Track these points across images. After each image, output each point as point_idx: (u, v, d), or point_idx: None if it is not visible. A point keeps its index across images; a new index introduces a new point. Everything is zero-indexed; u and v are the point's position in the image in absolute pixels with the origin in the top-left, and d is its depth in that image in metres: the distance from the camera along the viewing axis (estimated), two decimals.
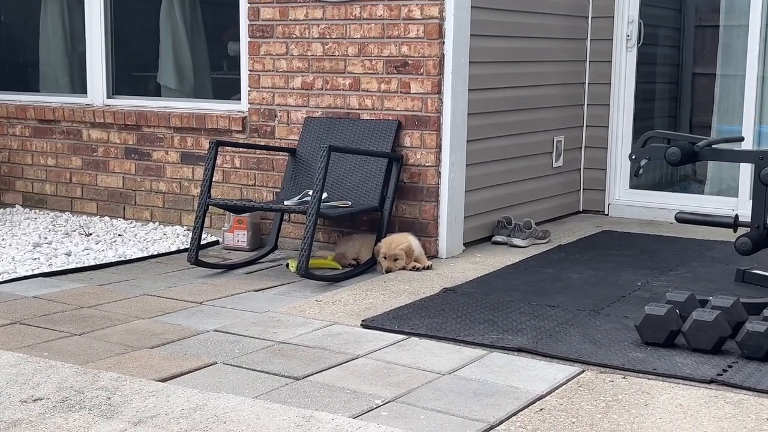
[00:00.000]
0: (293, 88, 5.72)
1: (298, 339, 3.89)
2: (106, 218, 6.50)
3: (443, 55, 5.26)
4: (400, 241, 5.04)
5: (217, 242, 5.89)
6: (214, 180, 5.71)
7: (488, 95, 5.71)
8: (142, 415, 2.99)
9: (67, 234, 6.00)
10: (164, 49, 6.64)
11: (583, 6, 6.69)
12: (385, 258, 5.02)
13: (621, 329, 3.98)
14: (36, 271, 5.04)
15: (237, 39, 6.01)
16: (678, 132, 6.85)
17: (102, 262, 5.27)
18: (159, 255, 5.53)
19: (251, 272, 5.16)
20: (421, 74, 5.29)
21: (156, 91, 6.73)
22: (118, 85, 6.66)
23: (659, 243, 5.84)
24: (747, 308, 3.88)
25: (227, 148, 5.89)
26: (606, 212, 6.86)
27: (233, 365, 3.56)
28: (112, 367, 3.50)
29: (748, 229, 4.33)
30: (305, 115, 5.68)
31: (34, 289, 4.71)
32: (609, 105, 6.77)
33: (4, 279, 4.87)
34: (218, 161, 5.92)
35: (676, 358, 3.60)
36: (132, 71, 6.87)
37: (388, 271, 5.00)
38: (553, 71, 6.43)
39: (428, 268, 5.09)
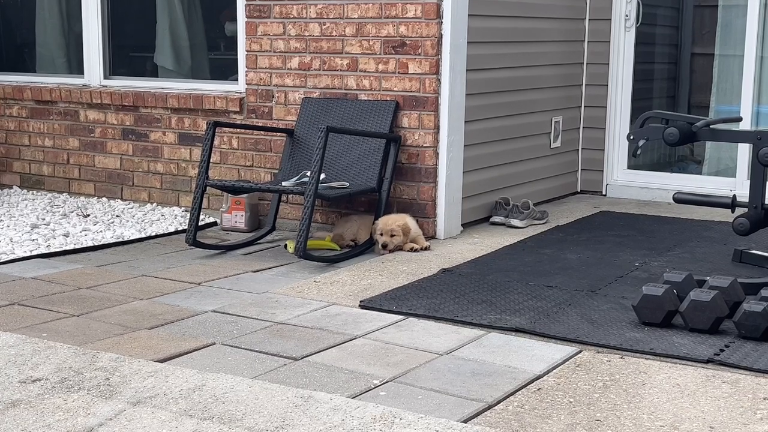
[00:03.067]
0: (291, 69, 5.70)
1: (296, 319, 3.89)
2: (104, 199, 6.49)
3: (441, 35, 5.24)
4: (397, 219, 5.04)
5: (215, 223, 5.89)
6: (211, 161, 5.71)
7: (486, 75, 5.70)
8: (141, 396, 3.00)
9: (64, 215, 6.00)
10: (161, 30, 6.61)
11: None
12: (381, 234, 5.01)
13: (618, 309, 3.99)
14: (34, 252, 5.04)
15: (234, 19, 5.99)
16: (676, 112, 6.85)
17: (100, 243, 5.27)
18: (157, 236, 5.53)
19: (249, 253, 5.16)
20: (419, 54, 5.28)
21: (153, 72, 6.70)
22: (115, 66, 6.64)
23: (657, 223, 5.84)
24: (744, 288, 3.89)
25: (225, 129, 5.88)
26: (604, 193, 6.86)
27: (232, 346, 3.57)
28: (111, 347, 3.51)
29: (746, 210, 4.34)
30: (303, 96, 5.66)
31: (32, 270, 4.71)
32: (607, 85, 6.75)
33: (2, 260, 4.87)
34: (216, 142, 5.90)
35: (674, 338, 3.61)
36: (129, 52, 6.84)
37: (385, 245, 4.99)
38: (552, 51, 6.41)
39: (426, 248, 5.09)
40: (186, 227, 5.30)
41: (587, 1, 6.72)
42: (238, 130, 5.86)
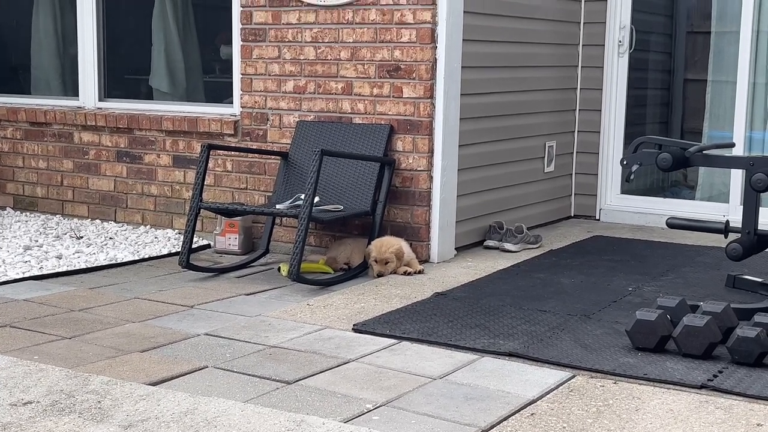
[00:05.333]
0: (285, 92, 5.71)
1: (289, 343, 3.88)
2: (98, 221, 6.48)
3: (436, 59, 5.26)
4: (391, 244, 5.04)
5: (208, 246, 5.88)
6: (205, 183, 5.70)
7: (480, 100, 5.72)
8: (133, 419, 2.99)
9: (58, 237, 5.99)
10: (156, 53, 6.63)
11: (575, 12, 6.71)
12: (375, 262, 5.01)
13: (612, 334, 3.99)
14: (27, 274, 5.02)
15: (229, 42, 6.01)
16: (669, 138, 6.88)
17: (93, 266, 5.26)
18: (150, 258, 5.51)
19: (243, 276, 5.15)
20: (414, 79, 5.30)
21: (148, 95, 6.72)
22: (110, 88, 6.65)
23: (650, 248, 5.85)
24: (737, 314, 3.89)
25: (219, 151, 5.88)
26: (597, 217, 6.87)
27: (224, 369, 3.55)
28: (103, 370, 3.49)
29: (739, 235, 4.35)
30: (297, 119, 5.68)
31: (24, 292, 4.70)
32: (600, 110, 6.78)
33: None
34: (210, 165, 5.91)
35: (667, 363, 3.61)
36: (124, 74, 6.86)
37: (380, 275, 5.00)
38: (545, 76, 6.44)
39: (420, 272, 5.09)
40: (179, 250, 5.29)
41: (581, 27, 6.76)
42: (233, 152, 5.87)
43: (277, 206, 5.15)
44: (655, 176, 7.32)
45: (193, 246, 5.54)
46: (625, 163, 4.52)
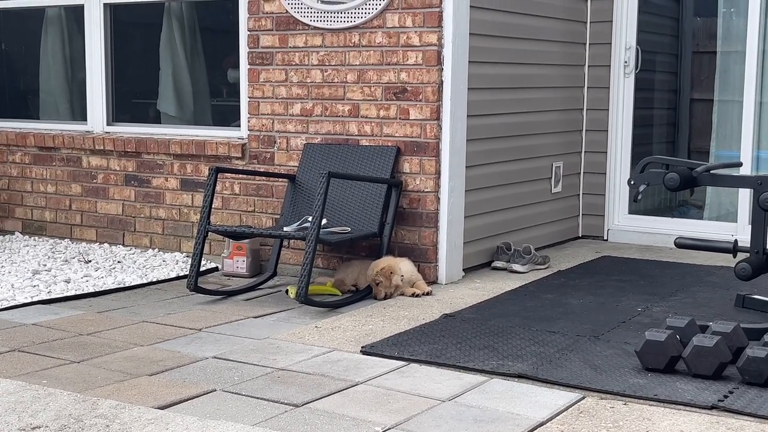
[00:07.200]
0: (293, 115, 5.74)
1: (297, 366, 3.87)
2: (106, 245, 6.49)
3: (442, 81, 5.28)
4: (379, 265, 5.02)
5: (216, 269, 5.88)
6: (213, 206, 5.72)
7: (487, 121, 5.73)
8: None
9: (66, 261, 6.00)
10: (164, 77, 6.66)
11: (581, 33, 6.73)
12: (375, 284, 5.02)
13: (621, 355, 3.97)
14: (35, 299, 5.02)
15: (237, 66, 6.04)
16: (676, 157, 6.88)
17: (101, 289, 5.26)
18: (158, 282, 5.52)
19: (250, 299, 5.15)
20: (420, 100, 5.31)
21: (156, 118, 6.74)
22: (118, 113, 6.68)
23: (659, 268, 5.84)
24: (747, 334, 3.88)
25: (227, 174, 5.90)
26: (605, 237, 6.86)
27: (232, 392, 3.54)
28: (111, 394, 3.49)
29: (748, 255, 4.33)
30: (305, 142, 5.69)
31: (33, 316, 4.70)
32: (607, 131, 6.79)
33: (3, 306, 4.85)
34: (218, 188, 5.92)
35: (677, 383, 3.59)
36: (132, 98, 6.89)
37: (376, 297, 4.99)
38: (552, 97, 6.45)
39: (428, 293, 5.08)
40: (187, 273, 5.30)
41: (586, 48, 6.78)
42: (240, 175, 5.89)
43: (285, 228, 5.16)
44: (662, 196, 7.31)
45: (201, 269, 5.54)
46: (632, 183, 4.52)
